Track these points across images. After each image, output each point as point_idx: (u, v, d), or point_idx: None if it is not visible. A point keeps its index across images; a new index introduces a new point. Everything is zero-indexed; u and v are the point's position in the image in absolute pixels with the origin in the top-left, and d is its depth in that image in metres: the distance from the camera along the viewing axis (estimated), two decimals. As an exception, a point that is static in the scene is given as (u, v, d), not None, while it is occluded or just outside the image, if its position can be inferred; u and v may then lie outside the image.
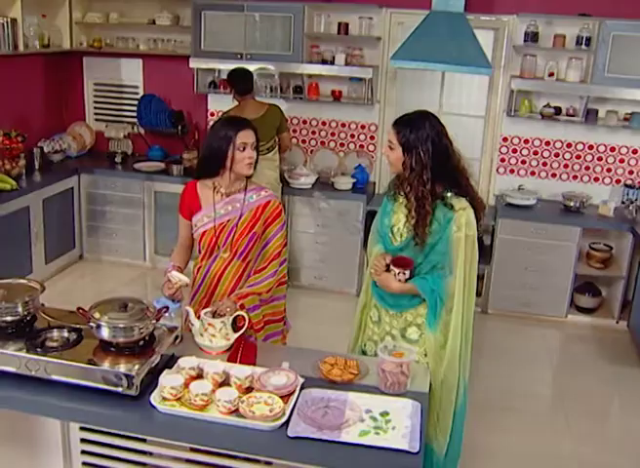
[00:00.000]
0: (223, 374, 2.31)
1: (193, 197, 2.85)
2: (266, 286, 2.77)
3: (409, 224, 2.53)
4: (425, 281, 2.52)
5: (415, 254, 2.54)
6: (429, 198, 2.45)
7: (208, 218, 2.81)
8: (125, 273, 5.55)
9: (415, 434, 2.09)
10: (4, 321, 2.42)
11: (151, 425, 2.16)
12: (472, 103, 5.45)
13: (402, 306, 2.62)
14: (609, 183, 5.18)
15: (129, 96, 5.90)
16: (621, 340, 4.84)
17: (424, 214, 2.45)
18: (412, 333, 2.64)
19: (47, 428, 2.48)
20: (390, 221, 2.62)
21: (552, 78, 4.84)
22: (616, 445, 3.69)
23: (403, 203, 2.59)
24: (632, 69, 4.62)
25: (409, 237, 2.54)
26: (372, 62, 5.23)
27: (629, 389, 4.28)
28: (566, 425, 3.81)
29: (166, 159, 5.69)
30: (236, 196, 2.80)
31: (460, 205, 2.49)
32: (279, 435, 2.07)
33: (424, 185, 2.44)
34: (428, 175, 2.44)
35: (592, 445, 3.64)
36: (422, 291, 2.52)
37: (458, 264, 2.49)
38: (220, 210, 2.80)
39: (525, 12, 4.88)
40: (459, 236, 2.48)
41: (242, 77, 4.81)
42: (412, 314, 2.63)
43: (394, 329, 2.67)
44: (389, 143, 2.54)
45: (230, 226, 2.78)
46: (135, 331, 2.31)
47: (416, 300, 2.59)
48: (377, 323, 2.75)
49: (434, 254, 2.52)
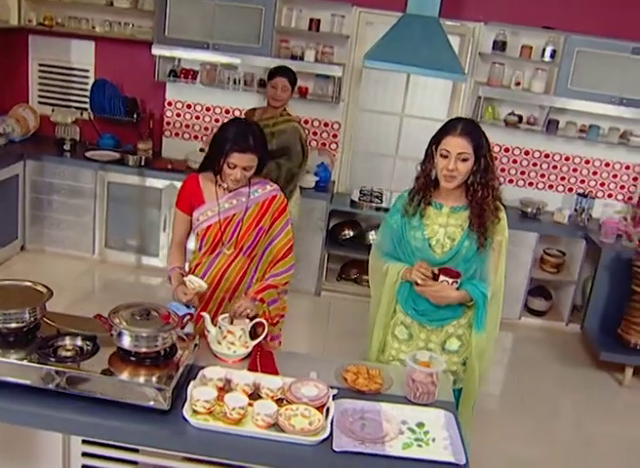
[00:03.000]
0: (253, 386, 2.22)
1: (195, 190, 2.72)
2: (284, 279, 2.71)
3: (455, 231, 2.53)
4: (474, 286, 2.53)
5: (457, 264, 2.54)
6: (498, 196, 2.50)
7: (212, 213, 2.69)
8: (71, 266, 5.25)
9: (457, 446, 2.09)
10: (7, 328, 2.22)
11: (184, 441, 2.05)
12: (434, 107, 5.52)
13: (445, 319, 2.60)
14: (562, 191, 5.40)
15: (78, 79, 5.56)
16: (571, 342, 5.06)
17: (493, 213, 2.48)
18: (451, 345, 2.64)
19: (46, 442, 2.31)
20: (423, 234, 2.57)
21: (519, 87, 4.98)
22: (567, 444, 3.84)
23: (436, 214, 2.57)
24: (593, 84, 4.82)
25: (455, 246, 2.53)
26: (340, 61, 5.19)
27: (581, 389, 4.48)
28: (518, 425, 3.93)
29: (118, 148, 5.43)
30: (240, 190, 2.70)
31: (500, 209, 2.53)
32: (323, 449, 2.02)
33: (497, 179, 2.50)
34: (495, 174, 2.48)
35: (543, 444, 3.77)
36: (474, 294, 2.52)
37: (499, 265, 2.55)
38: (224, 203, 2.69)
39: (492, 20, 4.99)
40: (500, 240, 2.54)
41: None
42: (453, 326, 2.63)
43: (431, 343, 2.64)
44: (463, 155, 2.43)
45: (236, 221, 2.69)
46: (158, 340, 2.18)
47: (459, 311, 2.60)
48: (405, 341, 2.69)
49: (479, 261, 2.54)
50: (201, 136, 5.53)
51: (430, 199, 2.58)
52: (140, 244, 5.34)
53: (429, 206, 2.59)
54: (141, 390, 2.06)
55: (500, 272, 2.57)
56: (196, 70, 5.28)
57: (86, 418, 2.07)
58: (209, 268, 2.74)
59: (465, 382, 2.66)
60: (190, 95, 5.42)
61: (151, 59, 5.22)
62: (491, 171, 2.48)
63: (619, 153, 5.27)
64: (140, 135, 5.42)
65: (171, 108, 5.49)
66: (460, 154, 2.43)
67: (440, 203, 2.59)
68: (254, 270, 2.76)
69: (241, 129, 2.58)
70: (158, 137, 5.53)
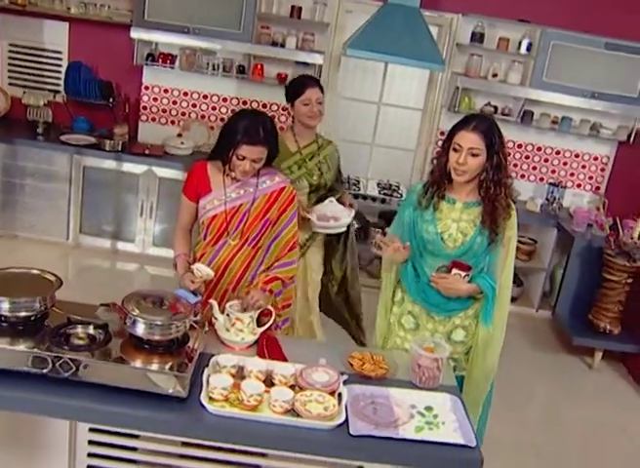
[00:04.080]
0: (266, 373, 2.26)
1: (203, 178, 2.72)
2: (289, 272, 2.74)
3: (467, 226, 2.59)
4: (484, 279, 2.60)
5: (468, 258, 2.61)
6: (510, 193, 2.56)
7: (218, 201, 2.69)
8: (45, 252, 5.15)
9: (466, 428, 2.17)
10: (16, 316, 2.19)
11: (203, 428, 2.07)
12: (411, 96, 5.60)
13: (454, 310, 2.67)
14: (534, 181, 5.56)
15: (51, 61, 5.43)
16: (542, 328, 5.24)
17: (505, 210, 2.54)
18: (457, 336, 2.72)
19: (53, 429, 2.31)
20: (436, 228, 2.62)
21: (495, 79, 5.09)
22: (538, 425, 3.98)
23: (449, 209, 2.62)
24: (567, 77, 4.96)
25: (468, 242, 2.59)
26: (320, 48, 5.20)
27: (552, 373, 4.64)
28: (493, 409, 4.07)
29: (93, 132, 5.33)
30: (248, 180, 2.70)
31: (511, 206, 2.61)
32: (339, 433, 2.08)
33: (510, 177, 2.56)
34: (508, 172, 2.54)
35: (514, 426, 3.86)
36: (484, 288, 2.59)
37: (507, 261, 2.62)
38: (231, 193, 2.70)
39: (470, 12, 5.07)
40: (509, 235, 2.60)
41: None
42: (460, 317, 2.70)
43: (438, 333, 2.71)
44: (474, 150, 2.48)
45: (243, 211, 2.69)
46: (172, 328, 2.20)
47: (468, 303, 2.67)
48: (412, 331, 2.76)
49: (489, 255, 2.61)
50: (178, 121, 5.48)
51: (444, 193, 2.63)
52: (116, 229, 5.28)
53: (443, 200, 2.63)
54: (160, 378, 2.08)
55: (508, 268, 2.63)
56: (174, 55, 5.22)
57: (102, 407, 2.07)
58: (213, 258, 2.74)
59: (469, 374, 2.73)
60: (168, 79, 5.36)
61: (128, 43, 5.13)
62: (504, 168, 2.52)
63: (588, 145, 5.45)
64: (115, 119, 5.33)
65: (148, 93, 5.42)
66: (470, 149, 2.48)
67: (454, 198, 2.64)
68: (259, 262, 2.76)
69: (252, 120, 2.56)
70: (134, 122, 5.46)
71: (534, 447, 3.73)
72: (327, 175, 3.49)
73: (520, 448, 3.71)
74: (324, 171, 3.47)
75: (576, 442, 3.87)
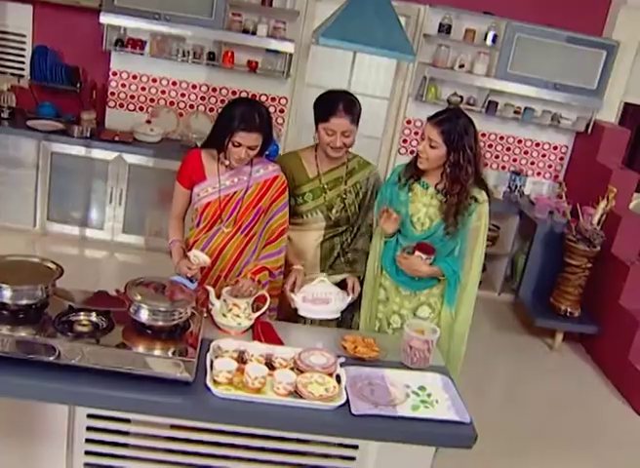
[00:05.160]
0: (266, 356, 2.33)
1: (197, 166, 2.75)
2: (277, 261, 2.79)
3: (435, 212, 2.70)
4: (447, 264, 2.73)
5: (434, 241, 2.72)
6: (469, 191, 2.64)
7: (213, 189, 2.73)
8: (11, 239, 5.06)
9: (459, 406, 2.30)
10: (17, 304, 2.20)
11: (210, 411, 2.13)
12: (378, 85, 5.69)
13: (419, 287, 2.80)
14: (496, 169, 5.74)
15: (14, 44, 5.31)
16: (504, 311, 5.44)
17: (464, 207, 2.64)
18: (423, 312, 2.85)
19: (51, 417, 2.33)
20: (408, 210, 2.75)
21: (462, 69, 5.22)
22: (500, 403, 4.18)
23: (422, 192, 2.74)
24: (530, 69, 5.15)
25: (433, 226, 2.71)
26: (290, 36, 5.24)
27: (514, 353, 4.83)
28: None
29: (59, 118, 5.25)
30: (242, 168, 2.74)
31: (482, 197, 2.71)
32: (341, 413, 2.16)
33: (469, 180, 2.62)
34: (472, 169, 2.62)
35: (475, 404, 4.00)
36: (446, 272, 2.72)
37: (476, 249, 2.75)
38: (225, 181, 2.74)
39: (437, 3, 5.19)
40: (478, 225, 2.72)
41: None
42: (425, 295, 2.83)
43: (404, 308, 2.85)
44: (431, 142, 2.60)
45: (236, 199, 2.74)
46: (175, 314, 2.25)
47: (431, 282, 2.80)
48: (383, 302, 2.91)
49: (454, 242, 2.72)
50: (147, 108, 5.45)
51: (420, 176, 2.75)
52: (85, 216, 5.23)
53: (417, 183, 2.76)
54: (167, 363, 2.12)
55: (477, 257, 2.76)
56: (144, 40, 5.17)
57: (106, 392, 2.09)
58: (207, 245, 2.77)
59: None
60: (136, 65, 5.31)
61: (95, 27, 5.07)
62: (464, 167, 2.60)
63: (548, 134, 5.66)
64: (82, 105, 5.26)
65: (116, 78, 5.36)
66: (430, 140, 2.62)
67: (427, 183, 2.76)
68: (252, 249, 2.81)
69: (248, 107, 2.61)
70: (101, 108, 5.39)
71: (494, 422, 3.86)
72: (352, 207, 2.93)
73: (483, 425, 3.86)
74: (348, 203, 2.92)
75: (538, 418, 4.05)
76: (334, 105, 2.74)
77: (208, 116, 5.48)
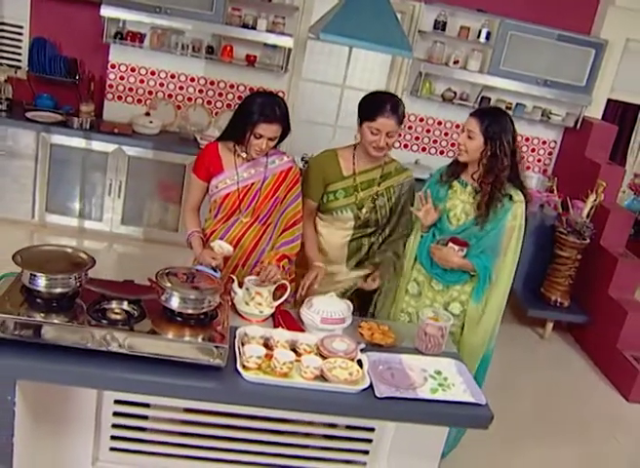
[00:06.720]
0: (291, 342, 2.43)
1: (214, 158, 2.84)
2: (293, 248, 2.88)
3: (470, 209, 2.81)
4: (480, 259, 2.83)
5: (469, 237, 2.83)
6: (505, 184, 2.74)
7: (231, 181, 2.82)
8: (9, 231, 5.07)
9: (475, 388, 2.42)
10: (51, 292, 2.27)
11: (241, 394, 2.22)
12: (373, 80, 5.78)
13: (452, 280, 2.90)
14: (488, 163, 5.87)
15: (11, 36, 5.31)
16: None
17: (497, 199, 2.74)
18: (454, 308, 2.95)
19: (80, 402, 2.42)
20: (445, 206, 2.87)
21: (456, 65, 5.35)
22: (491, 390, 4.24)
23: (460, 190, 2.86)
24: (522, 65, 5.29)
25: (468, 222, 2.82)
26: (289, 31, 5.31)
27: (505, 342, 4.89)
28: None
29: (58, 110, 5.26)
30: (258, 160, 2.83)
31: (518, 197, 2.81)
32: (366, 396, 2.27)
33: (504, 171, 2.72)
34: (508, 162, 2.72)
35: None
36: (477, 267, 2.82)
37: (509, 249, 2.83)
38: (242, 173, 2.83)
39: (431, 0, 5.30)
40: (513, 225, 2.81)
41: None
42: (458, 290, 2.94)
43: (436, 303, 2.95)
44: (469, 133, 2.72)
45: (254, 190, 2.83)
46: (205, 302, 2.33)
47: (465, 277, 2.89)
48: (415, 296, 3.01)
49: (488, 239, 2.83)
50: (145, 100, 5.48)
51: (459, 174, 2.87)
52: (84, 208, 5.26)
53: (457, 181, 2.88)
54: (201, 349, 2.20)
55: (511, 255, 2.84)
56: (143, 33, 5.20)
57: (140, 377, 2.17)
58: (224, 235, 2.85)
59: (459, 348, 2.93)
60: (135, 58, 5.34)
61: (94, 20, 5.08)
62: (500, 160, 2.71)
63: (538, 130, 5.81)
64: (80, 96, 5.28)
65: (114, 71, 5.38)
66: (468, 131, 2.75)
67: (466, 181, 2.88)
68: (268, 238, 2.90)
69: (268, 100, 2.70)
70: (99, 100, 5.41)
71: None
72: (383, 210, 2.99)
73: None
74: (379, 205, 2.98)
75: (529, 405, 4.21)
76: (382, 105, 2.78)
77: (205, 109, 5.54)
